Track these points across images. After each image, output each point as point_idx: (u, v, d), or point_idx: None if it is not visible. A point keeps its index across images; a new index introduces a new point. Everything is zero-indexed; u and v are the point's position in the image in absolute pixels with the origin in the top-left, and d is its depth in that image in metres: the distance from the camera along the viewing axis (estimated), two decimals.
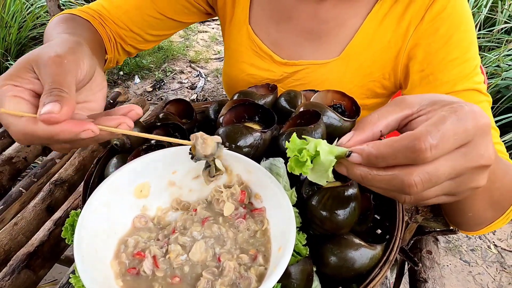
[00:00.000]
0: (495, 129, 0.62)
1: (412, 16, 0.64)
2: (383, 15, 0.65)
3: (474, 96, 0.62)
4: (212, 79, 3.32)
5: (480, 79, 0.64)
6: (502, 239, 1.99)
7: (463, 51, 0.62)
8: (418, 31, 0.64)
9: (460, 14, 0.63)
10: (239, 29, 0.77)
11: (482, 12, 2.95)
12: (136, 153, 0.52)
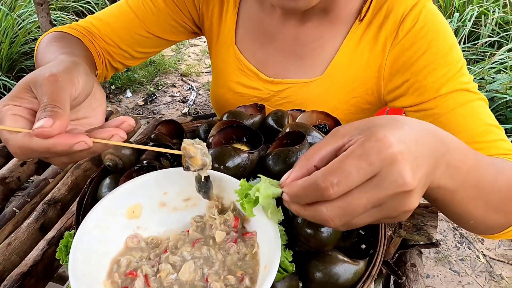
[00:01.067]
0: (497, 127, 0.63)
1: (386, 35, 0.67)
2: (360, 36, 0.69)
3: (461, 96, 0.63)
4: (204, 92, 3.35)
5: (468, 79, 0.64)
6: (490, 248, 2.02)
7: (444, 56, 0.64)
8: (395, 48, 0.67)
9: (434, 23, 0.65)
10: (226, 49, 0.79)
11: (466, 26, 3.04)
12: (128, 174, 0.54)
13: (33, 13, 3.02)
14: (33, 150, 0.39)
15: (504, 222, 0.52)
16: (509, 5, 3.02)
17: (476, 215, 0.47)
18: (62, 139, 0.38)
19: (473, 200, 0.45)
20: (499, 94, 2.40)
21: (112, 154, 0.59)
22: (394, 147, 0.31)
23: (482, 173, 0.43)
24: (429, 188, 0.37)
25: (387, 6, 0.66)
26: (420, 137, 0.34)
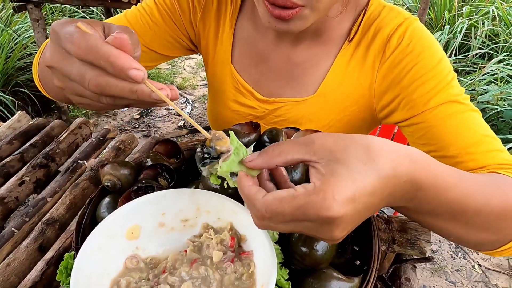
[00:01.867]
0: (492, 137, 0.62)
1: (374, 54, 0.69)
2: (350, 55, 0.71)
3: (451, 108, 0.62)
4: (199, 105, 3.37)
5: (458, 91, 0.64)
6: (485, 258, 2.04)
7: (432, 69, 0.64)
8: (383, 65, 0.69)
9: (420, 38, 0.66)
10: (223, 68, 0.81)
11: (457, 38, 3.10)
12: (127, 195, 0.55)
13: (29, 28, 3.04)
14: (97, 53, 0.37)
15: (496, 239, 0.52)
16: (497, 18, 3.08)
17: (455, 233, 0.48)
18: (126, 56, 0.38)
19: (449, 222, 0.45)
20: (491, 105, 2.44)
21: (110, 174, 0.60)
22: (335, 210, 0.33)
23: (466, 201, 0.43)
24: (394, 207, 0.40)
25: (374, 26, 0.68)
26: (379, 187, 0.35)
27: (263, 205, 0.36)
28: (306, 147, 0.37)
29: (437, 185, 0.40)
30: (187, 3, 0.78)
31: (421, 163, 0.38)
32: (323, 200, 0.33)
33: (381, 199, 0.36)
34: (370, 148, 0.36)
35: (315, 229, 0.36)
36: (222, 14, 0.78)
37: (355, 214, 0.35)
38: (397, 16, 0.67)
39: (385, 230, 0.69)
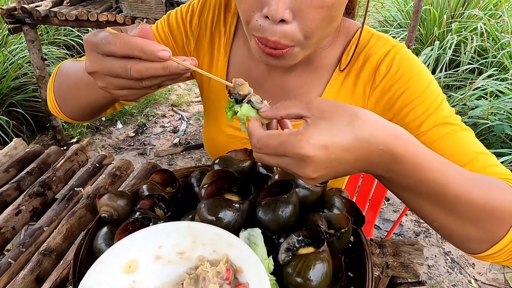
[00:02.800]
0: (487, 154, 0.64)
1: (365, 81, 0.71)
2: (341, 82, 0.73)
3: (443, 129, 0.65)
4: (194, 122, 3.39)
5: (448, 113, 0.66)
6: (481, 273, 2.04)
7: (422, 94, 0.66)
8: (374, 92, 0.71)
9: (408, 64, 0.68)
10: (217, 94, 0.83)
11: (447, 54, 3.16)
12: (124, 226, 0.56)
13: (24, 48, 3.06)
14: (129, 41, 0.45)
15: (482, 236, 0.53)
16: (485, 33, 3.15)
17: (437, 219, 0.52)
18: (152, 43, 0.46)
19: (430, 204, 0.50)
20: (481, 120, 2.48)
21: (107, 205, 0.61)
22: (307, 150, 0.41)
23: (446, 185, 0.47)
24: (370, 173, 0.47)
25: (363, 54, 0.71)
26: (353, 145, 0.42)
27: (257, 137, 0.45)
28: (304, 105, 0.45)
29: (416, 163, 0.45)
30: (180, 35, 0.81)
31: (404, 140, 0.44)
32: (299, 141, 0.41)
33: (356, 158, 0.43)
34: (356, 115, 0.43)
35: (292, 165, 0.43)
36: (216, 43, 0.81)
37: (326, 161, 0.42)
38: (385, 44, 0.70)
39: (378, 254, 0.70)
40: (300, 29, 0.55)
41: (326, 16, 0.54)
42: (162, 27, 0.82)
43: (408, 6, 3.87)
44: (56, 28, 3.56)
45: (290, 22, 0.54)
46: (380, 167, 0.45)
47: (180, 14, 0.81)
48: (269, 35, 0.55)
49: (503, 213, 0.52)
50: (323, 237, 0.53)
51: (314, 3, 0.52)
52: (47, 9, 2.23)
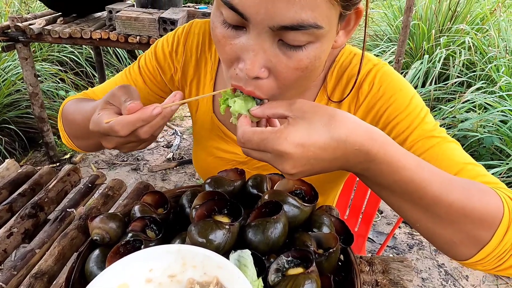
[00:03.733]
0: (474, 164, 0.65)
1: (349, 100, 0.73)
2: (326, 101, 0.75)
3: (428, 143, 0.66)
4: (188, 136, 3.39)
5: (432, 126, 0.67)
6: (475, 285, 2.05)
7: (405, 109, 0.68)
8: (359, 110, 0.72)
9: (390, 81, 0.70)
10: (205, 117, 0.85)
11: (436, 67, 3.21)
12: (116, 249, 0.57)
13: (18, 65, 3.07)
14: (129, 121, 0.55)
15: (467, 241, 0.53)
16: (473, 48, 3.22)
17: (419, 220, 0.54)
18: (144, 109, 0.55)
19: (407, 203, 0.52)
20: (471, 132, 2.52)
21: (99, 228, 0.62)
22: (284, 147, 0.45)
23: (422, 185, 0.50)
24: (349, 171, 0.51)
25: (347, 74, 0.72)
26: (329, 145, 0.46)
27: (242, 132, 0.50)
28: (289, 106, 0.49)
29: (392, 162, 0.48)
30: (168, 65, 0.84)
31: (379, 141, 0.47)
32: (277, 138, 0.46)
33: (332, 157, 0.47)
34: (334, 116, 0.47)
35: (272, 160, 0.48)
36: (202, 68, 0.82)
37: (304, 158, 0.46)
38: (367, 63, 0.72)
39: (368, 272, 0.71)
40: (276, 85, 0.57)
41: (301, 76, 0.55)
42: (150, 60, 0.85)
43: (398, 21, 3.95)
44: (49, 45, 3.58)
45: (265, 78, 0.55)
46: (357, 166, 0.49)
47: (166, 44, 0.84)
48: (246, 86, 0.56)
49: (484, 215, 0.52)
50: (311, 257, 0.54)
51: (289, 64, 0.53)
52: (41, 27, 2.25)
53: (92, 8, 2.52)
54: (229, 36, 0.54)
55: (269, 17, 0.48)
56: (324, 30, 0.50)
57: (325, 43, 0.54)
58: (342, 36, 0.60)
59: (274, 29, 0.49)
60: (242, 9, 0.49)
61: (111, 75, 4.04)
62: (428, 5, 3.75)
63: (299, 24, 0.48)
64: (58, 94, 3.29)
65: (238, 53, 0.54)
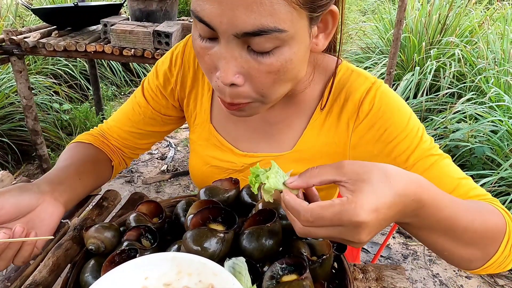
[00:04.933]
0: (465, 178, 0.70)
1: (348, 116, 0.74)
2: (324, 117, 0.76)
3: (428, 161, 0.70)
4: (182, 148, 3.40)
5: (429, 144, 0.71)
6: None
7: (404, 129, 0.70)
8: (358, 127, 0.74)
9: (388, 102, 0.72)
10: (203, 127, 0.86)
11: (427, 79, 3.26)
12: (111, 258, 0.57)
13: (11, 78, 3.07)
14: None
15: (481, 256, 0.61)
16: (462, 60, 3.28)
17: (448, 248, 0.57)
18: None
19: (443, 237, 0.55)
20: (462, 143, 2.55)
21: (94, 237, 0.62)
22: (363, 217, 0.43)
23: (456, 219, 0.53)
24: (398, 222, 0.51)
25: (345, 91, 0.74)
26: (394, 202, 0.45)
27: (309, 210, 0.46)
28: (337, 170, 0.47)
29: (435, 204, 0.50)
30: (167, 80, 0.89)
31: (425, 186, 0.49)
32: (354, 209, 0.43)
33: (395, 213, 0.47)
34: (387, 172, 0.46)
35: (347, 233, 0.45)
36: (200, 79, 0.85)
37: (377, 222, 0.45)
38: (364, 81, 0.74)
39: (362, 279, 0.71)
40: (253, 90, 0.59)
41: (276, 79, 0.57)
42: (152, 79, 0.90)
43: (389, 34, 4.02)
44: (44, 58, 3.59)
45: (242, 85, 0.57)
46: (410, 215, 0.49)
47: (166, 59, 0.88)
48: (225, 97, 0.59)
49: (496, 234, 0.60)
50: (305, 264, 0.55)
51: (261, 69, 0.55)
52: (36, 40, 2.26)
53: (87, 21, 2.54)
54: (206, 47, 0.57)
55: (232, 26, 0.51)
56: (288, 33, 0.52)
57: (294, 46, 0.55)
58: (322, 39, 0.62)
59: (238, 36, 0.52)
60: (208, 21, 0.52)
61: (105, 88, 4.05)
62: (418, 19, 3.82)
63: (260, 30, 0.50)
64: (52, 107, 3.29)
65: (214, 62, 0.57)
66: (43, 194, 0.69)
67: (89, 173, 0.83)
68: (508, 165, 2.22)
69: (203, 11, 0.52)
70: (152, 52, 2.18)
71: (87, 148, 0.89)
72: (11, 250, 0.63)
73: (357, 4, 8.41)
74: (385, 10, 4.90)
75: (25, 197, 0.66)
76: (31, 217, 0.66)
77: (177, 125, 0.97)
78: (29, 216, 0.66)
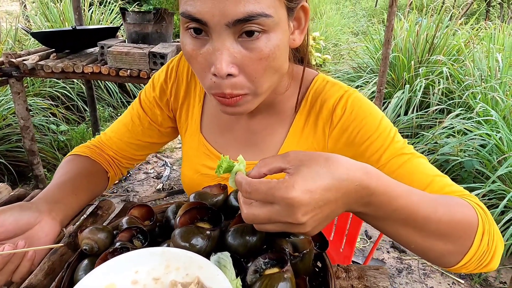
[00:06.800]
0: (441, 176, 0.71)
1: (323, 122, 0.79)
2: (302, 124, 0.81)
3: (400, 160, 0.72)
4: (178, 167, 3.43)
5: (402, 144, 0.74)
6: None
7: (376, 130, 0.74)
8: (333, 132, 0.78)
9: (360, 106, 0.76)
10: (193, 137, 0.91)
11: (417, 96, 3.35)
12: (104, 256, 0.60)
13: (9, 100, 3.12)
14: None
15: (454, 249, 0.61)
16: (450, 77, 3.38)
17: (413, 240, 0.58)
18: None
19: (404, 227, 0.56)
20: (452, 157, 2.60)
21: (88, 238, 0.65)
22: (294, 194, 0.46)
23: (414, 209, 0.54)
24: (351, 211, 0.53)
25: (320, 99, 0.79)
26: (333, 185, 0.48)
27: (248, 182, 0.49)
28: (283, 158, 0.51)
29: (387, 192, 0.52)
30: (163, 91, 0.94)
31: (373, 175, 0.51)
32: (286, 187, 0.46)
33: (337, 196, 0.48)
34: (329, 158, 0.49)
35: (282, 213, 0.47)
36: (192, 91, 0.90)
37: (313, 203, 0.47)
38: (338, 90, 0.79)
39: (344, 278, 0.75)
40: (247, 79, 0.64)
41: (267, 65, 0.63)
42: (149, 91, 0.95)
43: (379, 53, 4.13)
44: (41, 81, 3.66)
45: (237, 75, 0.62)
46: (359, 202, 0.51)
47: (162, 72, 0.93)
48: (224, 89, 0.64)
49: (465, 226, 0.60)
50: (287, 258, 0.58)
51: (252, 56, 0.61)
52: (34, 62, 2.33)
53: (85, 44, 2.62)
54: (197, 47, 0.62)
55: (223, 16, 0.57)
56: (273, 19, 0.59)
57: (279, 33, 0.62)
58: (297, 35, 0.69)
59: (230, 25, 0.58)
60: (200, 16, 0.58)
61: (102, 109, 4.11)
62: (407, 38, 3.95)
63: (249, 15, 0.57)
64: (49, 128, 3.33)
65: (208, 59, 0.62)
66: (41, 213, 0.72)
67: (84, 188, 0.87)
68: (496, 177, 2.27)
69: (195, 8, 0.57)
70: (147, 73, 2.24)
71: (83, 162, 0.93)
72: (12, 264, 0.65)
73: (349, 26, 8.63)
74: (375, 31, 5.05)
75: (24, 216, 0.69)
76: (29, 235, 0.69)
77: (173, 137, 1.01)
78: (27, 234, 0.69)
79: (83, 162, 0.93)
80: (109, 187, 0.99)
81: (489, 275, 2.25)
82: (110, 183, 0.99)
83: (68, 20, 4.42)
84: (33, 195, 0.98)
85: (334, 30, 7.46)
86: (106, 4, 5.07)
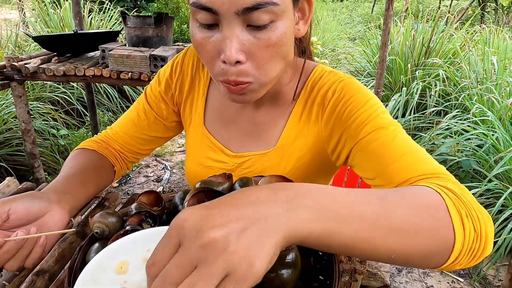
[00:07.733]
0: (420, 152, 0.67)
1: (317, 107, 0.81)
2: (300, 113, 0.83)
3: (379, 133, 0.71)
4: (178, 170, 3.45)
5: (388, 122, 0.73)
6: None
7: (363, 106, 0.75)
8: (325, 114, 0.80)
9: (350, 87, 0.78)
10: (197, 130, 0.94)
11: (414, 98, 3.39)
12: (115, 238, 0.62)
13: (10, 104, 3.15)
14: None
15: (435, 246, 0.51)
16: (446, 80, 3.42)
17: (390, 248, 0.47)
18: None
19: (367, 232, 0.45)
20: (450, 157, 2.64)
21: (99, 222, 0.68)
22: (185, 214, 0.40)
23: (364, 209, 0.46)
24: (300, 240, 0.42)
25: (317, 87, 0.82)
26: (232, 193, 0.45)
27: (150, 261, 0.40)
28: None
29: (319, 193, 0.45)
30: (168, 85, 0.96)
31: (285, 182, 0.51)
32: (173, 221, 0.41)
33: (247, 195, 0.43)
34: None
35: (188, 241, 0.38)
36: (196, 85, 0.93)
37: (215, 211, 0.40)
38: (334, 76, 0.82)
39: (347, 262, 0.77)
40: (254, 67, 0.66)
41: (273, 52, 0.65)
42: (155, 86, 0.98)
43: (376, 57, 4.19)
44: (42, 85, 3.69)
45: (244, 62, 0.65)
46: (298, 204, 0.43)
47: (167, 67, 0.96)
48: (230, 76, 0.66)
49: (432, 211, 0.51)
50: None
51: (260, 43, 0.64)
52: (36, 66, 2.35)
53: (86, 48, 2.65)
54: (207, 36, 0.65)
55: (233, 4, 0.59)
56: (280, 7, 0.62)
57: (286, 21, 0.65)
58: (302, 25, 0.72)
59: (239, 13, 0.60)
60: (210, 5, 0.60)
61: (102, 114, 4.14)
62: (403, 42, 4.00)
63: (258, 3, 0.59)
64: (49, 132, 3.35)
65: (217, 47, 0.64)
66: (51, 202, 0.74)
67: (92, 180, 0.89)
68: (493, 176, 2.30)
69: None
70: (148, 75, 2.27)
71: (90, 155, 0.95)
72: (25, 250, 0.67)
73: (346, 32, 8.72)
74: (372, 35, 5.11)
75: (35, 204, 0.70)
76: (40, 223, 0.70)
77: (178, 131, 1.04)
78: (37, 222, 0.70)
79: (91, 155, 0.95)
80: (115, 179, 1.01)
81: (488, 274, 2.27)
82: (116, 177, 1.01)
83: (68, 26, 4.46)
84: (41, 188, 1.00)
85: (331, 35, 7.54)
86: (105, 10, 5.12)
